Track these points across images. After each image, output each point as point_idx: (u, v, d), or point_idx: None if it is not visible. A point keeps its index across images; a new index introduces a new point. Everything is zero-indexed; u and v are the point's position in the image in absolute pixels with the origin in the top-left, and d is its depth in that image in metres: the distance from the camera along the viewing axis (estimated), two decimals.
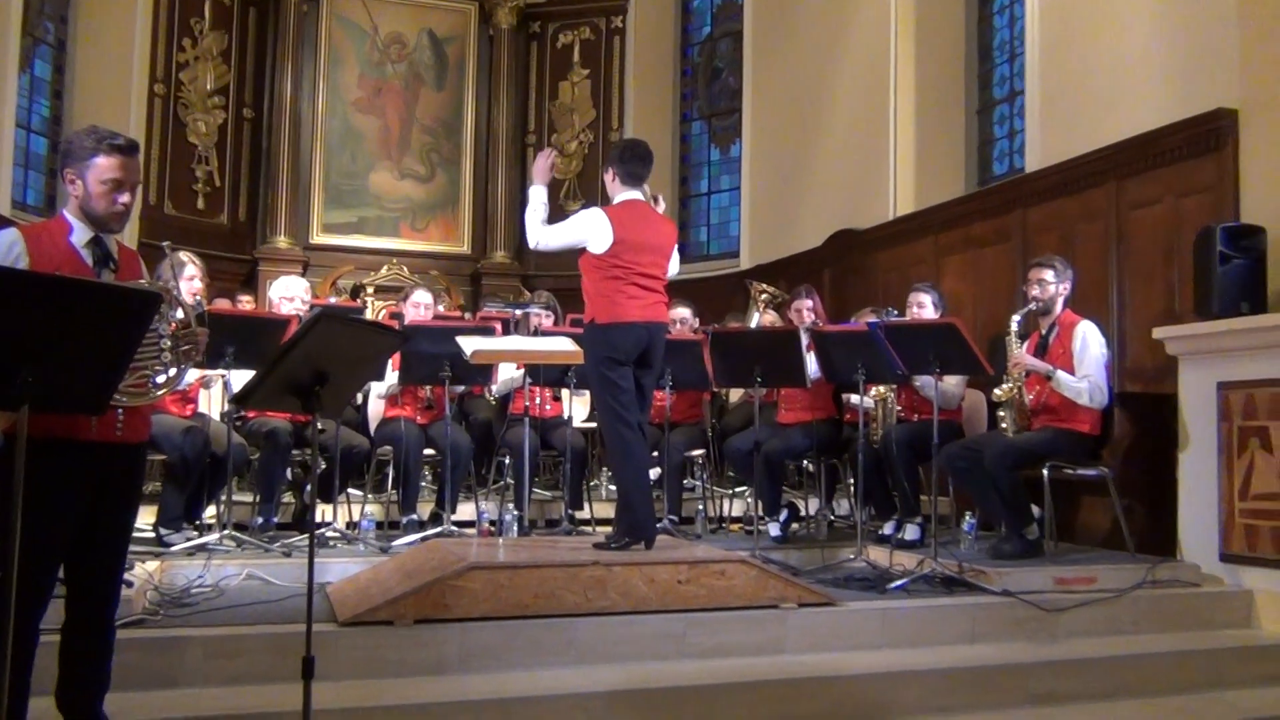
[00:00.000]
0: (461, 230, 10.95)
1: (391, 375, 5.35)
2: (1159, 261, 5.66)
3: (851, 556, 4.99)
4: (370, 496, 5.43)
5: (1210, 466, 4.80)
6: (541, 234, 4.34)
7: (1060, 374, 4.86)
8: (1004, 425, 4.99)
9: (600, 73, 11.24)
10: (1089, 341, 4.88)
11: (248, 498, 5.30)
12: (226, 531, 4.65)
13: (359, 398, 5.85)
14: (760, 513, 5.38)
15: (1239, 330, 4.67)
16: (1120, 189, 5.90)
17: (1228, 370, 4.74)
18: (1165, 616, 4.39)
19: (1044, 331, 5.06)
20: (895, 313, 5.37)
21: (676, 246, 4.53)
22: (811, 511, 5.86)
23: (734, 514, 6.24)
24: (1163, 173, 5.63)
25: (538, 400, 5.74)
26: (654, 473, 5.40)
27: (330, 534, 4.99)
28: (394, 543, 4.87)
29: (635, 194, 4.46)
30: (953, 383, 5.32)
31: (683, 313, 6.41)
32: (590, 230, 4.28)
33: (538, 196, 4.42)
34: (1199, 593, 4.56)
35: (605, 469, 6.64)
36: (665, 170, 11.10)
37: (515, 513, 4.98)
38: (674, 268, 4.53)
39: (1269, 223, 4.83)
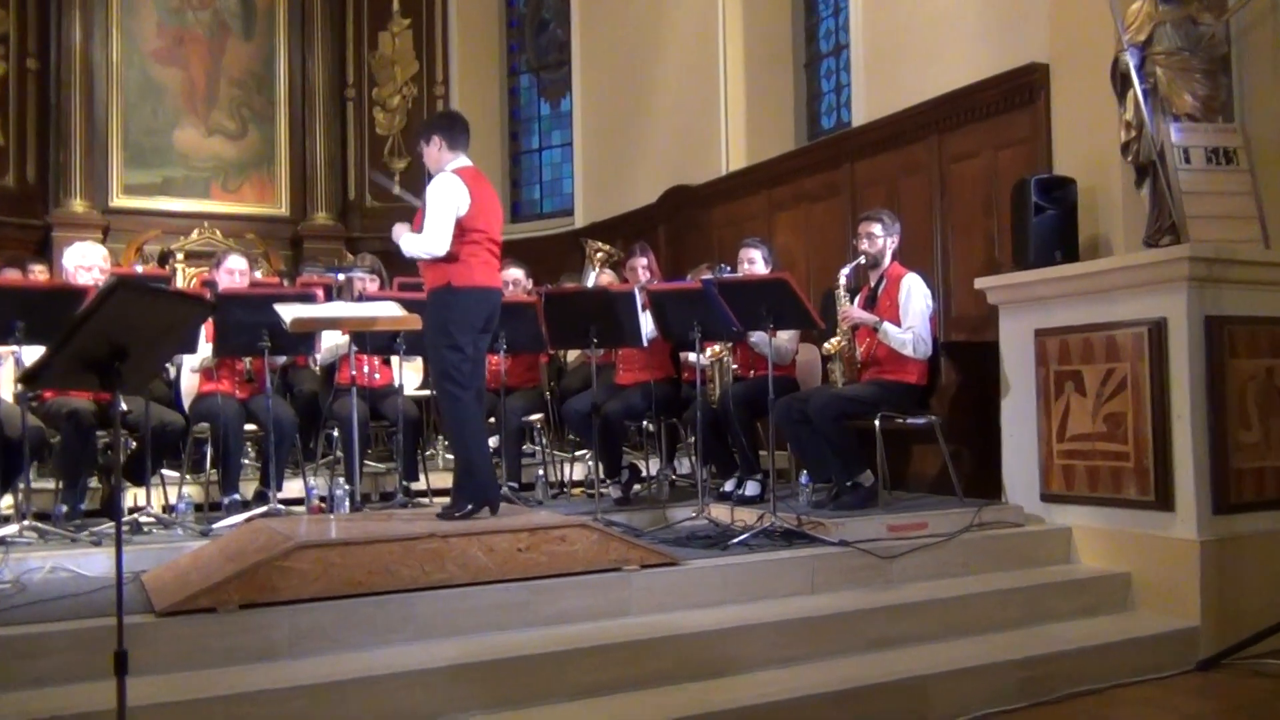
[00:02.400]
0: (278, 191, 10.53)
1: (205, 347, 5.16)
2: (979, 213, 5.90)
3: (693, 515, 5.04)
4: (188, 477, 5.24)
5: (1029, 411, 5.01)
6: (430, 239, 4.24)
7: (886, 325, 4.98)
8: (835, 378, 5.12)
9: (422, 22, 11.00)
10: (913, 293, 5.02)
11: (50, 485, 5.04)
12: (27, 522, 4.41)
13: (171, 372, 5.65)
14: (601, 475, 5.39)
15: (1052, 279, 4.85)
16: (941, 143, 6.11)
17: (1043, 318, 4.94)
18: (992, 557, 4.59)
19: (873, 284, 5.19)
20: (729, 270, 5.43)
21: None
22: (653, 472, 5.92)
23: (575, 478, 6.27)
24: (980, 126, 5.84)
25: (365, 369, 5.63)
26: (491, 440, 5.38)
27: (144, 519, 4.80)
28: (215, 525, 4.73)
29: (464, 159, 4.44)
30: (785, 338, 5.38)
31: (516, 274, 6.36)
32: (459, 195, 4.27)
33: (405, 237, 4.34)
34: (1022, 532, 4.76)
35: (441, 438, 6.54)
36: (494, 125, 10.92)
37: (346, 487, 4.92)
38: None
39: (1078, 174, 5.06)
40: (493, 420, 5.60)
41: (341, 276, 5.61)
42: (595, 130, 9.89)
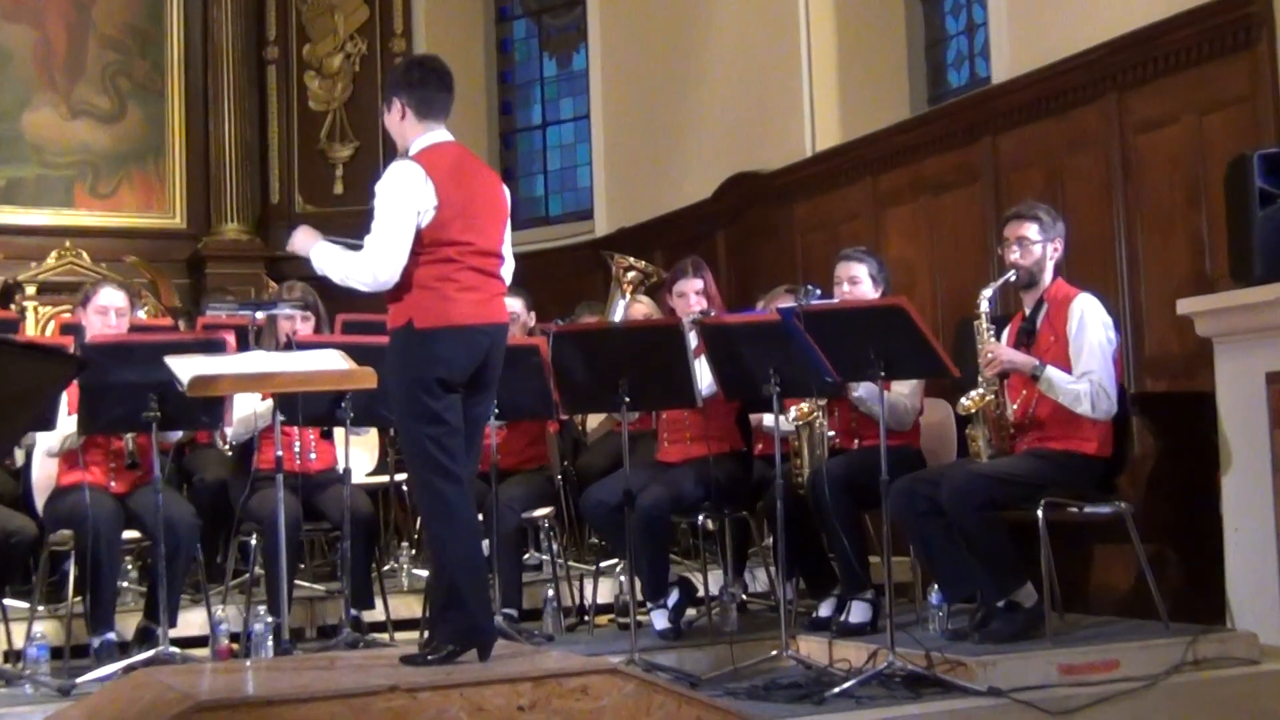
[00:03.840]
0: (170, 193, 10.72)
1: (67, 421, 5.21)
2: (1180, 205, 5.88)
3: (775, 653, 4.98)
4: (41, 609, 5.25)
5: (1264, 493, 4.94)
6: (366, 261, 4.26)
7: (1051, 371, 4.94)
8: (977, 449, 5.08)
9: None
10: (1088, 323, 4.98)
11: None
12: None
13: (18, 458, 5.66)
14: (639, 597, 5.36)
15: None
16: (1122, 105, 6.14)
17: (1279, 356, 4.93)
18: (1214, 709, 4.53)
19: (1029, 311, 5.19)
20: (819, 292, 5.37)
21: (508, 209, 4.58)
22: (713, 590, 5.87)
23: (601, 601, 6.23)
24: (1176, 81, 5.86)
25: (297, 448, 5.63)
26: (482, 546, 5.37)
27: None
28: (81, 679, 4.72)
29: (442, 132, 4.47)
30: (905, 391, 5.36)
31: (512, 306, 6.23)
32: (416, 194, 4.28)
33: (325, 252, 4.39)
34: (1257, 673, 4.70)
35: (405, 545, 6.58)
36: (477, 92, 11.09)
37: (270, 620, 4.88)
38: (509, 247, 4.58)
39: None
40: (481, 518, 5.45)
41: (261, 315, 5.64)
42: (622, 97, 10.00)
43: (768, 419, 5.51)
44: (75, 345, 5.20)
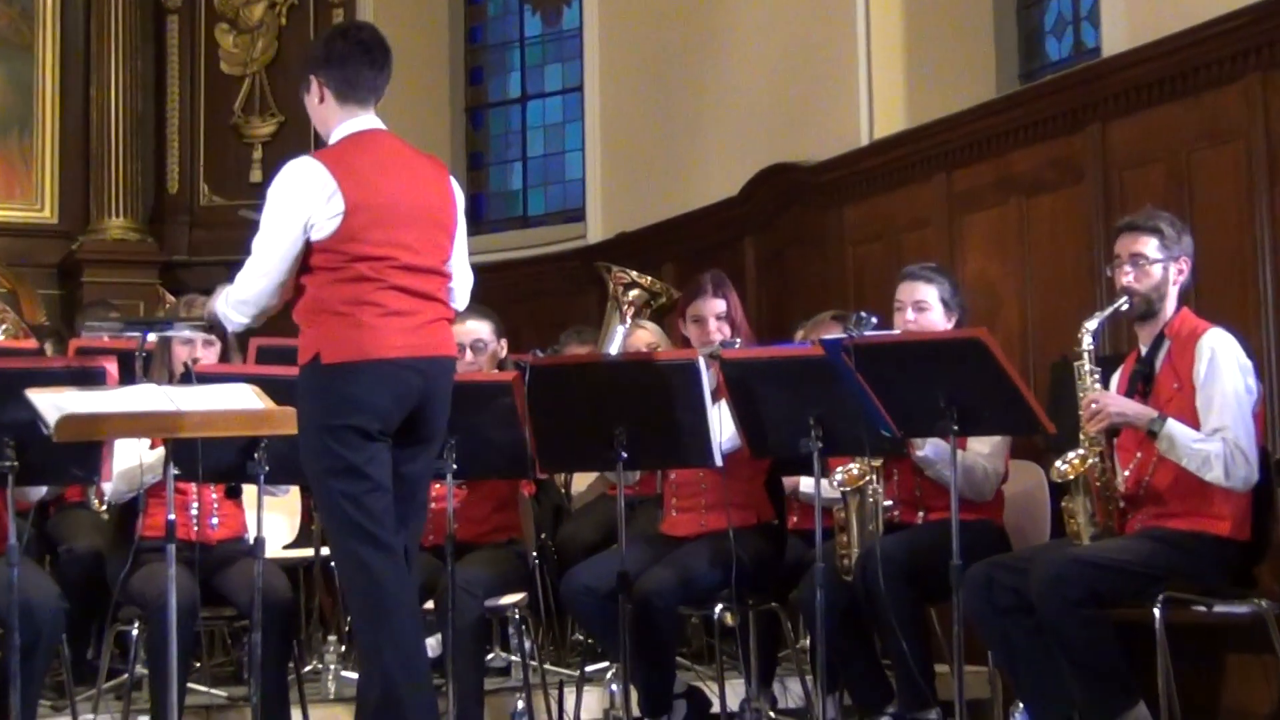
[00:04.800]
0: (38, 179, 10.74)
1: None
2: None
3: None
4: None
5: None
6: (236, 288, 4.51)
7: (1172, 427, 4.91)
8: (1076, 527, 5.05)
9: None
10: (1221, 366, 4.96)
11: None
12: None
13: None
14: (636, 711, 5.32)
15: None
16: (1268, 87, 6.10)
17: None
18: None
19: (1145, 350, 5.19)
20: (876, 321, 5.24)
21: (462, 211, 4.65)
22: (732, 705, 5.84)
23: (586, 716, 6.20)
24: None
25: (194, 511, 5.63)
26: (432, 643, 5.36)
27: None
28: None
29: (368, 118, 4.59)
30: (984, 451, 5.34)
31: (475, 330, 6.27)
32: (308, 199, 4.40)
33: (225, 303, 4.63)
34: None
35: (330, 640, 6.52)
36: (437, 55, 11.06)
37: None
38: (461, 259, 4.66)
39: None
40: (431, 606, 5.55)
41: (153, 337, 5.63)
42: (625, 64, 10.00)
43: (806, 483, 5.54)
44: None
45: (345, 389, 4.38)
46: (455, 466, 5.39)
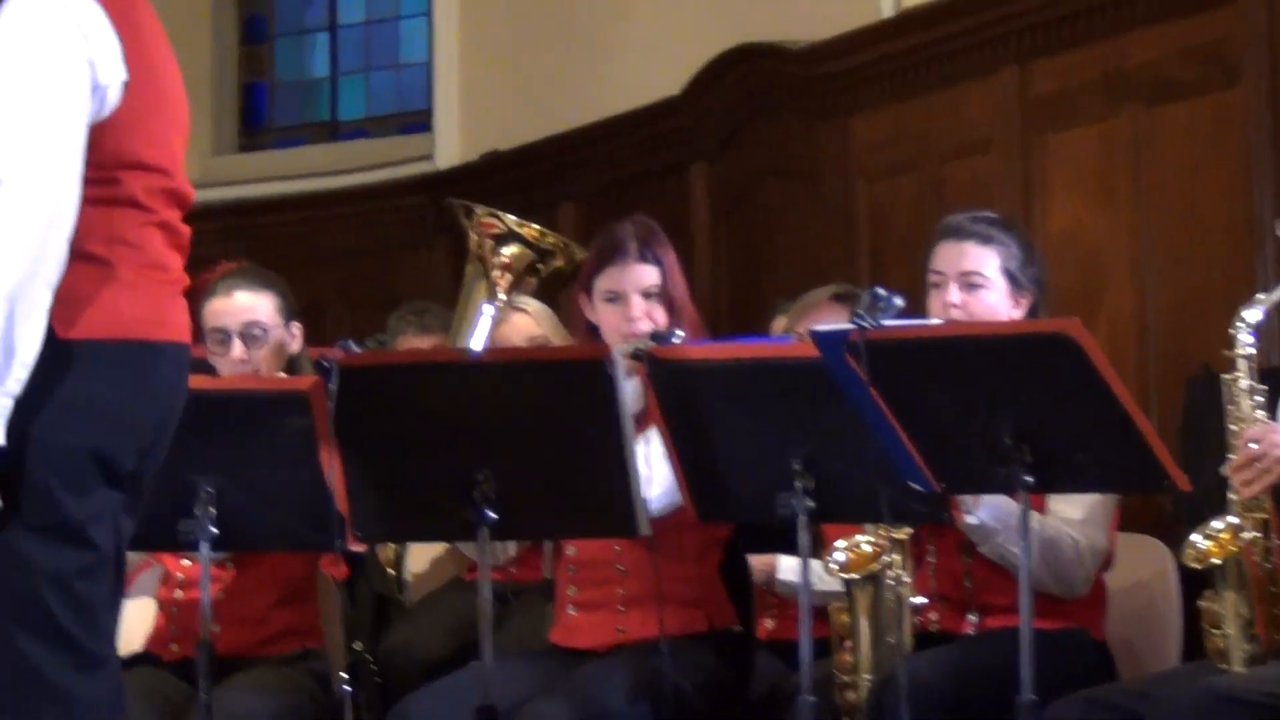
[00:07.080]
0: None
1: None
2: None
3: None
4: None
5: None
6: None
7: None
8: (1222, 642, 4.33)
9: None
10: None
11: None
12: None
13: None
14: None
15: None
16: None
17: None
18: None
19: None
20: (900, 303, 4.38)
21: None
22: None
23: None
24: None
25: None
26: None
27: None
28: None
29: None
30: (1075, 517, 4.56)
31: (250, 307, 5.47)
32: (81, 41, 3.52)
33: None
34: None
35: None
36: None
37: None
38: None
39: None
40: None
41: None
42: None
43: (787, 566, 4.83)
44: None
45: (89, 383, 3.53)
46: (214, 532, 4.57)
